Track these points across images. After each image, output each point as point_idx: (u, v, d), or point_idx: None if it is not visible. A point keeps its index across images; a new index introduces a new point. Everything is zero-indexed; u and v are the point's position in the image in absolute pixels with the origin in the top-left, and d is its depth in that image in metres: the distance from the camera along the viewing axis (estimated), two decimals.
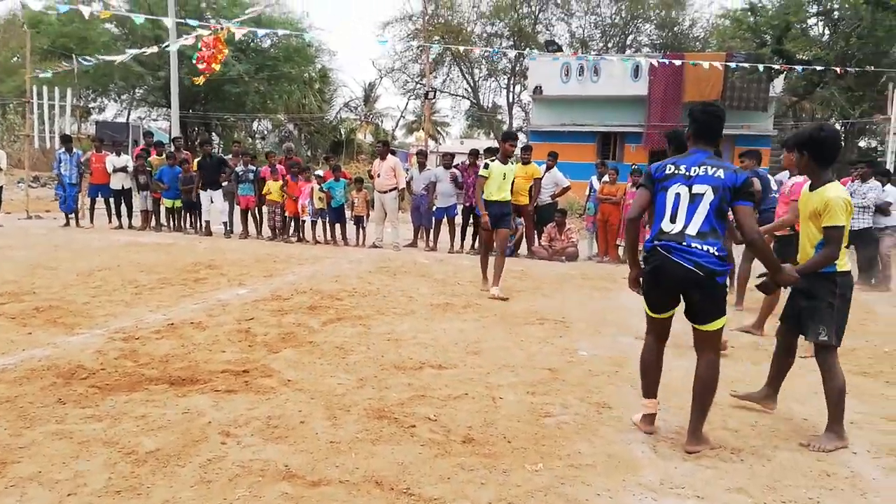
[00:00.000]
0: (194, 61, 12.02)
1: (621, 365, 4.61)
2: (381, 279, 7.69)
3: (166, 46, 13.85)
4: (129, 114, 30.63)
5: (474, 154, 10.77)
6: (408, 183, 11.17)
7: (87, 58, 13.90)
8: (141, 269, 7.67)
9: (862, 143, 25.28)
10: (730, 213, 3.18)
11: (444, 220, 10.87)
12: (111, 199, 12.16)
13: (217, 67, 12.08)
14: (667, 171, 3.21)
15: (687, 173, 3.14)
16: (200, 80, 12.43)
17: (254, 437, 3.12)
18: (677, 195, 3.14)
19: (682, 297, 3.18)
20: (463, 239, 10.87)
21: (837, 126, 24.69)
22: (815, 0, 16.12)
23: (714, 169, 3.11)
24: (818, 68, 13.01)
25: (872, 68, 11.61)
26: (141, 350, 4.47)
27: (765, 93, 18.77)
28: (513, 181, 7.34)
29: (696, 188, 3.10)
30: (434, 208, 10.75)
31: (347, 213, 11.23)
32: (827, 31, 17.20)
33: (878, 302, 7.60)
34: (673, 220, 3.14)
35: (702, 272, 3.01)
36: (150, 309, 5.72)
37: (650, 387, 3.41)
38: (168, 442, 3.03)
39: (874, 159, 12.24)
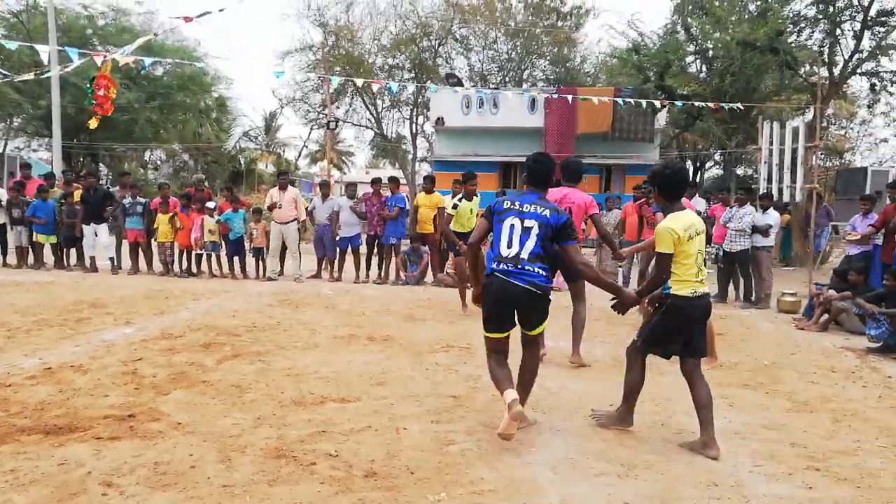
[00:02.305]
0: (91, 107, 11.32)
1: None
2: (283, 312, 7.47)
3: (43, 74, 12.99)
4: (5, 144, 28.49)
5: (377, 182, 10.77)
6: (310, 213, 11.01)
7: None
8: (15, 310, 7.07)
9: (739, 171, 27.32)
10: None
11: (349, 250, 10.75)
12: None
13: (110, 111, 11.44)
14: (504, 206, 3.72)
15: (520, 209, 3.67)
16: (94, 123, 11.74)
17: (139, 485, 2.92)
18: (512, 226, 3.64)
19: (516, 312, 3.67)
20: (368, 269, 10.78)
21: (717, 157, 26.63)
22: (691, 40, 17.37)
23: (542, 209, 3.65)
24: (696, 103, 14.00)
25: (741, 106, 12.62)
26: (12, 398, 4.09)
27: (650, 125, 19.97)
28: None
29: (527, 223, 3.62)
30: (337, 238, 10.63)
31: (247, 245, 10.88)
32: (704, 69, 18.57)
33: (759, 318, 8.15)
34: (509, 245, 3.62)
35: (538, 290, 3.57)
36: (25, 353, 5.26)
37: (504, 383, 3.58)
38: (41, 497, 2.79)
39: (750, 186, 13.23)
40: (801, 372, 5.46)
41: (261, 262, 10.82)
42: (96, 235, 10.80)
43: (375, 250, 10.78)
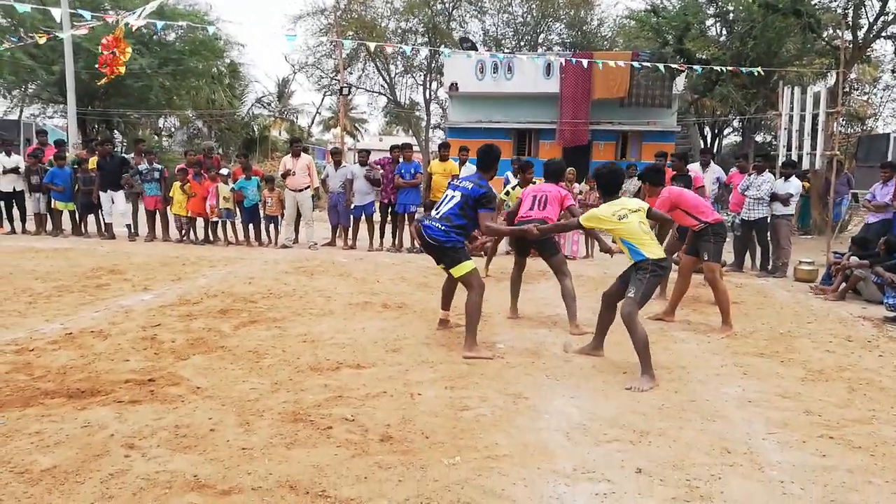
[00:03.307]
0: (97, 66, 11.27)
1: (537, 356, 4.71)
2: (298, 280, 7.52)
3: (55, 34, 12.92)
4: (20, 111, 28.60)
5: (396, 149, 10.66)
6: (323, 181, 11.00)
7: None
8: (36, 276, 7.18)
9: (758, 138, 26.87)
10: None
11: (363, 218, 10.75)
12: (1, 203, 11.32)
13: (122, 70, 11.41)
14: (453, 183, 5.03)
15: (458, 184, 4.90)
16: (104, 80, 11.71)
17: (160, 447, 2.98)
18: (446, 195, 4.89)
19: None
20: (382, 237, 10.79)
21: (735, 123, 26.18)
22: (712, 2, 16.92)
23: (470, 184, 4.77)
24: (716, 68, 13.72)
25: (762, 71, 12.28)
26: (35, 362, 4.18)
27: (668, 90, 19.58)
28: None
29: (454, 193, 4.81)
30: (352, 206, 10.62)
31: (261, 213, 10.91)
32: (724, 32, 18.15)
33: (775, 287, 8.10)
34: (437, 209, 4.86)
35: (433, 241, 4.70)
36: (46, 318, 5.36)
37: (445, 302, 5.32)
38: (66, 458, 2.85)
39: (769, 153, 13.01)
40: (816, 341, 5.44)
41: (274, 230, 10.86)
42: (113, 202, 10.89)
43: (389, 218, 10.77)
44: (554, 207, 5.93)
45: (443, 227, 4.69)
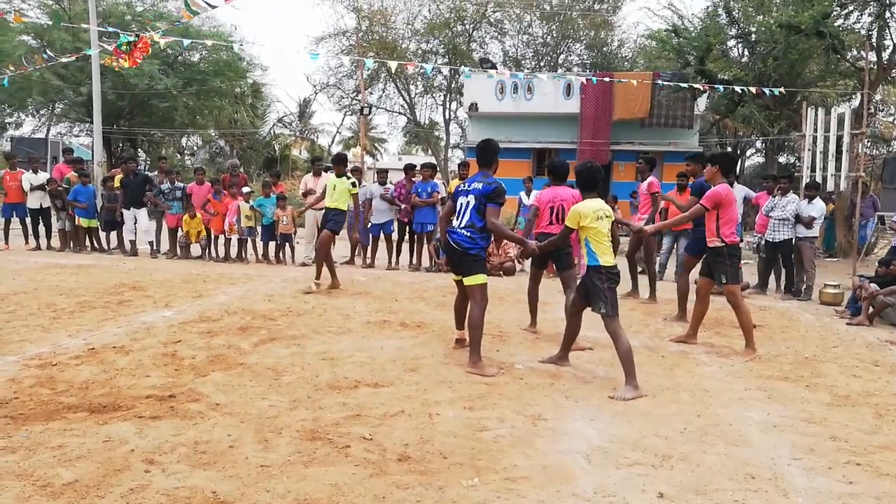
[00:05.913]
0: (119, 48, 11.45)
1: (556, 377, 4.67)
2: (318, 298, 7.55)
3: (81, 54, 13.23)
4: (48, 130, 29.29)
5: (411, 168, 10.75)
6: None
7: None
8: (60, 292, 7.29)
9: (781, 159, 26.61)
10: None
11: (381, 236, 10.79)
12: (28, 219, 11.55)
13: (138, 61, 11.64)
14: (459, 188, 5.00)
15: (467, 187, 4.90)
16: (108, 61, 11.94)
17: (180, 463, 2.99)
18: (460, 203, 4.90)
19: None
20: (399, 255, 10.81)
21: (758, 144, 26.01)
22: (733, 23, 16.90)
23: (479, 184, 4.82)
24: (738, 88, 13.65)
25: (785, 91, 12.19)
26: (59, 377, 4.23)
27: (690, 111, 19.52)
28: None
29: (469, 198, 4.83)
30: (369, 225, 10.66)
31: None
32: (746, 53, 18.10)
33: (799, 310, 7.97)
34: (457, 217, 4.89)
35: (458, 247, 4.80)
36: (70, 334, 5.43)
37: (459, 322, 5.34)
38: (87, 472, 2.87)
39: (793, 174, 12.89)
40: (843, 365, 5.33)
41: (289, 249, 10.91)
42: (136, 220, 11.04)
43: (407, 237, 10.78)
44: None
45: (468, 234, 4.79)
